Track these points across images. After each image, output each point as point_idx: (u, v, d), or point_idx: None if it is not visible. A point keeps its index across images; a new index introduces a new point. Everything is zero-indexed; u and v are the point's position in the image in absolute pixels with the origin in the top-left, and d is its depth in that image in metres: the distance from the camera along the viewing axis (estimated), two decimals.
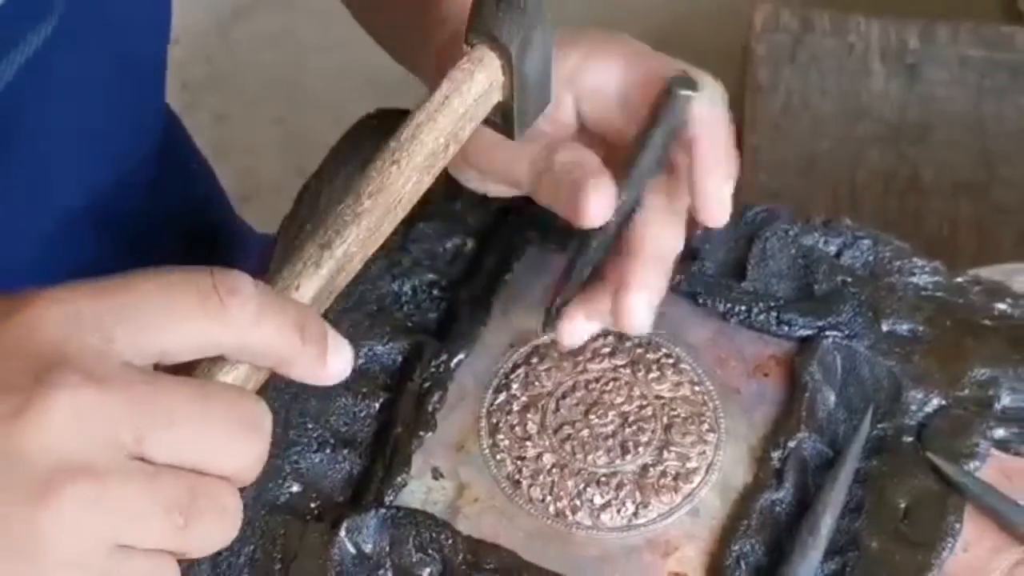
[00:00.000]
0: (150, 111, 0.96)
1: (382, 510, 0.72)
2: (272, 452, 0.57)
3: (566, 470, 0.75)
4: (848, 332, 0.80)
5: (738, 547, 0.71)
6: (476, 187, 0.79)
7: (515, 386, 0.78)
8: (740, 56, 1.60)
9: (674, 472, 0.75)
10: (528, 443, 0.76)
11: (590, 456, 0.75)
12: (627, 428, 0.76)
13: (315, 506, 0.74)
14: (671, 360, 0.79)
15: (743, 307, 0.81)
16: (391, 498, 0.73)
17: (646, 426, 0.76)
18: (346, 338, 0.59)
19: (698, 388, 0.78)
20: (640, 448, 0.75)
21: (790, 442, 0.75)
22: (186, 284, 0.54)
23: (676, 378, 0.78)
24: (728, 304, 0.81)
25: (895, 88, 1.47)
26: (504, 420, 0.77)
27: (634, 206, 0.71)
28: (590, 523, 0.73)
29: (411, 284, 0.82)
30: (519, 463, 0.75)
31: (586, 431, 0.76)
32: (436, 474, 0.75)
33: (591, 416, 0.77)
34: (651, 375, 0.78)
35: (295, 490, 0.74)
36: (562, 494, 0.74)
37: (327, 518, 0.72)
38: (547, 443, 0.76)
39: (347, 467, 0.75)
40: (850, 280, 0.82)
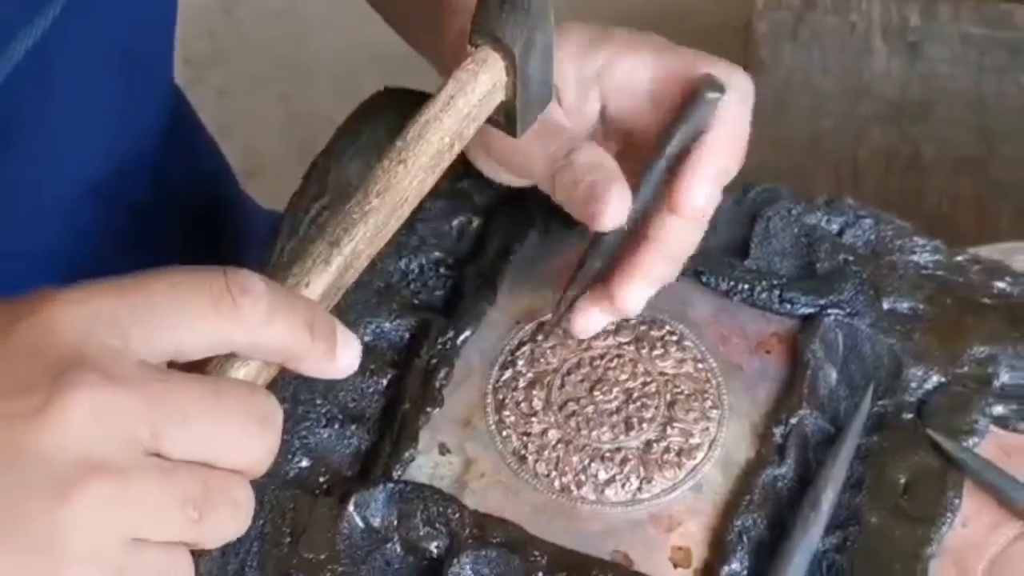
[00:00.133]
0: (158, 91, 0.96)
1: (390, 485, 0.72)
2: (283, 428, 0.58)
3: (571, 446, 0.76)
4: (849, 310, 0.81)
5: (740, 522, 0.72)
6: (491, 175, 0.80)
7: (521, 363, 0.79)
8: (742, 33, 1.60)
9: (677, 448, 0.76)
10: (534, 419, 0.77)
11: (595, 432, 0.76)
12: (631, 404, 0.77)
13: (324, 481, 0.74)
14: (675, 337, 0.80)
15: (746, 285, 0.82)
16: (399, 473, 0.74)
17: (650, 402, 0.77)
18: (354, 314, 0.60)
19: (701, 365, 0.79)
20: (644, 424, 0.76)
21: (792, 419, 0.76)
22: (199, 284, 0.55)
23: (679, 355, 0.79)
24: (731, 282, 0.82)
25: (896, 66, 1.47)
26: (510, 396, 0.77)
27: (649, 203, 0.72)
28: (594, 498, 0.74)
29: (418, 262, 0.83)
30: (525, 439, 0.76)
31: (591, 407, 0.77)
32: (443, 449, 0.76)
33: (596, 392, 0.77)
34: (655, 352, 0.79)
35: (304, 465, 0.75)
36: (567, 469, 0.75)
37: (336, 492, 0.73)
38: (552, 419, 0.77)
39: (355, 442, 0.76)
40: (852, 259, 0.83)
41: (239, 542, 0.71)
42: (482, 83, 0.67)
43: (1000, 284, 0.83)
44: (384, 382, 0.78)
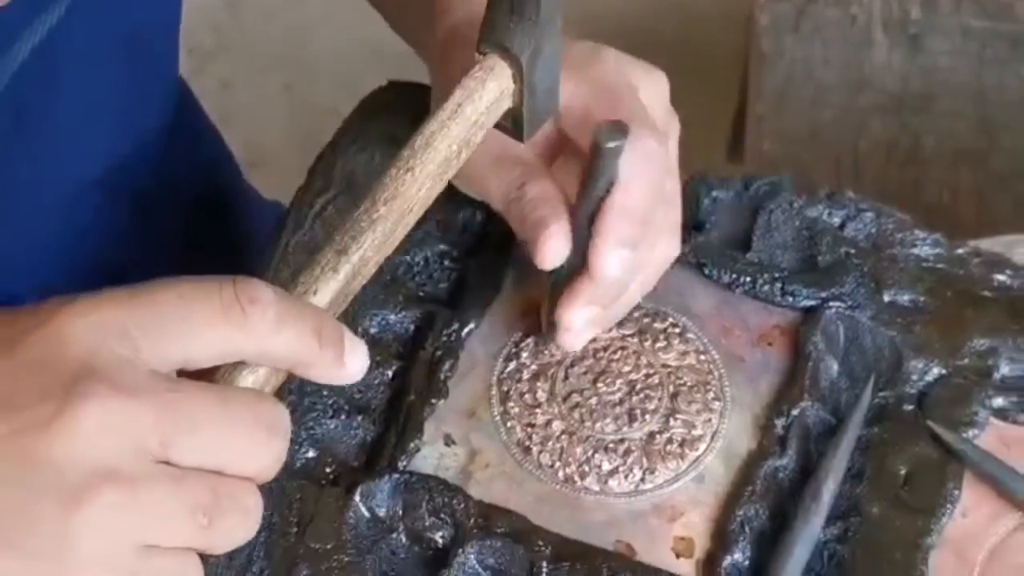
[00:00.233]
0: (163, 87, 0.96)
1: (395, 475, 0.73)
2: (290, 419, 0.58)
3: (575, 437, 0.76)
4: (851, 303, 0.81)
5: (742, 512, 0.73)
6: (463, 191, 0.81)
7: (525, 355, 0.79)
8: (744, 25, 1.61)
9: (680, 439, 0.76)
10: (538, 410, 0.77)
11: (598, 423, 0.77)
12: (634, 396, 0.78)
13: (330, 471, 0.75)
14: (677, 330, 0.80)
15: (748, 278, 0.82)
16: (404, 463, 0.74)
17: (653, 394, 0.78)
18: (359, 306, 0.60)
19: (704, 357, 0.80)
20: (647, 416, 0.77)
21: (793, 410, 0.76)
22: (209, 294, 0.56)
23: (682, 347, 0.80)
24: (733, 275, 0.82)
25: (897, 58, 1.47)
26: (514, 388, 0.78)
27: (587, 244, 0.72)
28: (598, 488, 0.75)
29: (423, 255, 0.84)
30: (529, 430, 0.76)
31: (594, 399, 0.77)
32: (448, 440, 0.76)
33: (599, 384, 0.78)
34: (658, 344, 0.80)
35: (311, 456, 0.75)
36: (571, 460, 0.75)
37: (342, 483, 0.74)
38: (556, 410, 0.77)
39: (361, 433, 0.77)
40: (853, 252, 0.84)
41: None
42: (490, 91, 0.67)
43: (1000, 277, 0.84)
44: (390, 374, 0.79)
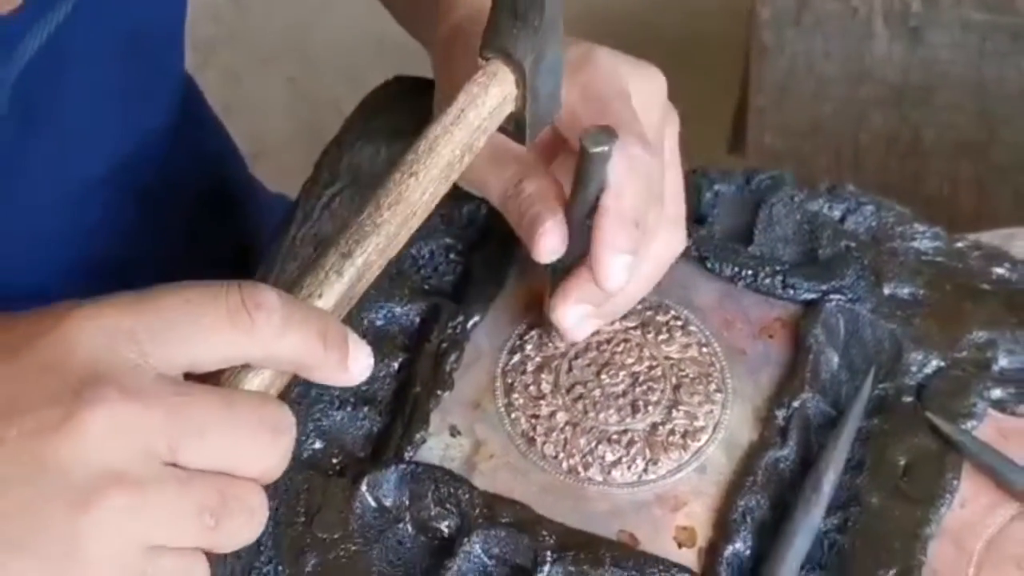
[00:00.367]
0: (168, 83, 0.97)
1: (402, 466, 0.74)
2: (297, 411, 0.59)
3: (578, 428, 0.77)
4: (851, 295, 0.82)
5: (744, 503, 0.74)
6: (462, 187, 0.82)
7: (529, 347, 0.80)
8: (745, 18, 1.61)
9: (682, 430, 0.77)
10: (542, 402, 0.78)
11: (602, 414, 0.77)
12: (637, 388, 0.78)
13: (337, 462, 0.76)
14: (680, 322, 0.81)
15: (750, 271, 0.83)
16: (410, 454, 0.75)
17: (655, 386, 0.78)
18: (365, 298, 0.61)
19: (705, 349, 0.80)
20: (650, 407, 0.78)
21: (794, 402, 0.77)
22: (215, 299, 0.57)
23: (684, 340, 0.80)
24: (735, 268, 0.83)
25: (898, 51, 1.47)
26: (519, 380, 0.79)
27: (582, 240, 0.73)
28: (601, 479, 0.76)
29: (428, 248, 0.84)
30: (533, 421, 0.77)
31: (598, 390, 0.78)
32: (453, 431, 0.77)
33: (603, 376, 0.79)
34: (660, 337, 0.80)
35: (318, 447, 0.76)
36: (574, 451, 0.76)
37: (349, 473, 0.74)
38: (560, 402, 0.78)
39: (368, 424, 0.77)
40: (853, 245, 0.84)
41: None
42: (492, 96, 0.68)
43: (999, 270, 0.84)
44: (395, 365, 0.80)
